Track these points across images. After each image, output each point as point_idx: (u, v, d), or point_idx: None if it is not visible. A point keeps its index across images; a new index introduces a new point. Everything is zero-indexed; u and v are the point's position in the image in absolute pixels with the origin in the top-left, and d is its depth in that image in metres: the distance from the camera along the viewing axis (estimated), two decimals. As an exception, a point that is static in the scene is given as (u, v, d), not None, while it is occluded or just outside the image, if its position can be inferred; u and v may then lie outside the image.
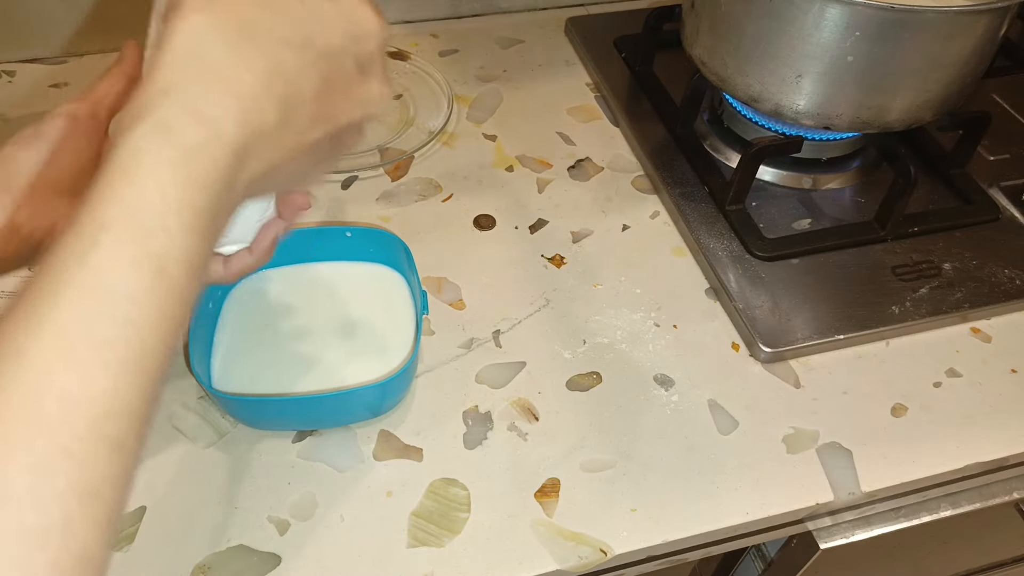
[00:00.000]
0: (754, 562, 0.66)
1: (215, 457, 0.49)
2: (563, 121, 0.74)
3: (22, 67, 0.78)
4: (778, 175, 0.67)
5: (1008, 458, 0.52)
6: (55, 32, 0.77)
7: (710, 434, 0.51)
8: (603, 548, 0.46)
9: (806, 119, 0.59)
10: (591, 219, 0.65)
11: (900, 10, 0.52)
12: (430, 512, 0.47)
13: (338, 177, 0.67)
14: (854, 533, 0.55)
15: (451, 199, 0.66)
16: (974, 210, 0.64)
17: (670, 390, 0.53)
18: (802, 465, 0.50)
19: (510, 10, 0.87)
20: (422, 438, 0.50)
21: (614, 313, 0.58)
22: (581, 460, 0.50)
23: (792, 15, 0.55)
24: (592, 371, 0.54)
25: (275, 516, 0.47)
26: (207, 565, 0.44)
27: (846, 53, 0.55)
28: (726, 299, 0.58)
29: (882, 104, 0.58)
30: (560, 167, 0.69)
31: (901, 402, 0.53)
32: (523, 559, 0.45)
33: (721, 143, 0.70)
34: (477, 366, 0.54)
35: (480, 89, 0.77)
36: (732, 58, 0.60)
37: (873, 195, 0.65)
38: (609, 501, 0.48)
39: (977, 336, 0.58)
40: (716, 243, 0.61)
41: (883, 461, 0.50)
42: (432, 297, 0.58)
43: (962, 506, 0.58)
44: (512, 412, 0.52)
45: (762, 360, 0.55)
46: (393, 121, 0.73)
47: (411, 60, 0.79)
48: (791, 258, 0.60)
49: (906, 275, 0.60)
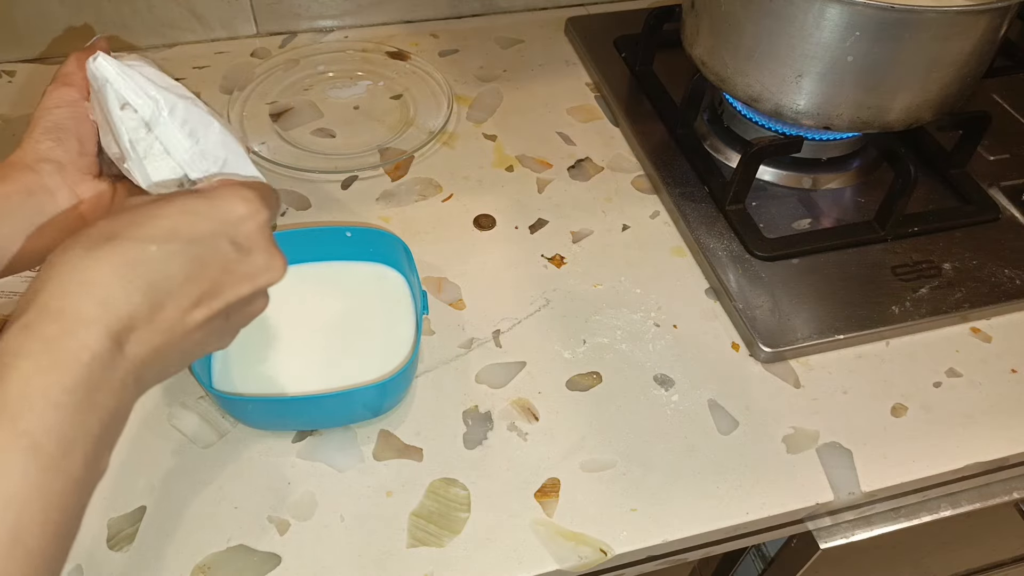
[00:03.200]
0: (754, 562, 0.66)
1: (215, 457, 0.49)
2: (563, 121, 0.74)
3: (22, 67, 0.78)
4: (778, 175, 0.67)
5: (1008, 458, 0.52)
6: (55, 32, 0.77)
7: (710, 434, 0.51)
8: (603, 548, 0.46)
9: (806, 119, 0.59)
10: (591, 219, 0.65)
11: (900, 10, 0.52)
12: (430, 512, 0.47)
13: (338, 177, 0.67)
14: (854, 533, 0.56)
15: (451, 199, 0.66)
16: (974, 210, 0.64)
17: (670, 390, 0.53)
18: (802, 465, 0.50)
19: (510, 10, 0.87)
20: (422, 438, 0.50)
21: (614, 313, 0.58)
22: (581, 460, 0.50)
23: (792, 15, 0.55)
24: (592, 371, 0.54)
25: (275, 516, 0.47)
26: (207, 565, 0.44)
27: (846, 53, 0.55)
28: (726, 299, 0.58)
29: (882, 104, 0.58)
30: (560, 167, 0.69)
31: (901, 402, 0.53)
32: (523, 559, 0.45)
33: (721, 143, 0.70)
34: (477, 366, 0.54)
35: (480, 89, 0.77)
36: (732, 58, 0.60)
37: (873, 195, 0.65)
38: (609, 501, 0.48)
39: (977, 336, 0.58)
40: (716, 243, 0.61)
41: (883, 461, 0.50)
42: (432, 297, 0.58)
43: (962, 506, 0.58)
44: (512, 412, 0.52)
45: (762, 360, 0.55)
46: (393, 121, 0.73)
47: (411, 60, 0.79)
48: (791, 258, 0.60)
49: (906, 275, 0.60)
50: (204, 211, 0.34)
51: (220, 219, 0.35)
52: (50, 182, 0.41)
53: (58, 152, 0.41)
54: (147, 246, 0.32)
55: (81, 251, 0.31)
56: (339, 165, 0.68)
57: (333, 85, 0.77)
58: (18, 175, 0.40)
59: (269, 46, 0.81)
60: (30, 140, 0.41)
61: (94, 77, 0.38)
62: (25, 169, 0.40)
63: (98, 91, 0.39)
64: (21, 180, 0.40)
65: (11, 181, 0.40)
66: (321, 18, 0.83)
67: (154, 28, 0.79)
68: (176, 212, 0.34)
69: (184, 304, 0.33)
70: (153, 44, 0.80)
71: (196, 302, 0.34)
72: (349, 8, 0.83)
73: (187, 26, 0.80)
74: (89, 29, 0.78)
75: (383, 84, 0.77)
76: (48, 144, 0.41)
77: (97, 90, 0.39)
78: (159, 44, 0.80)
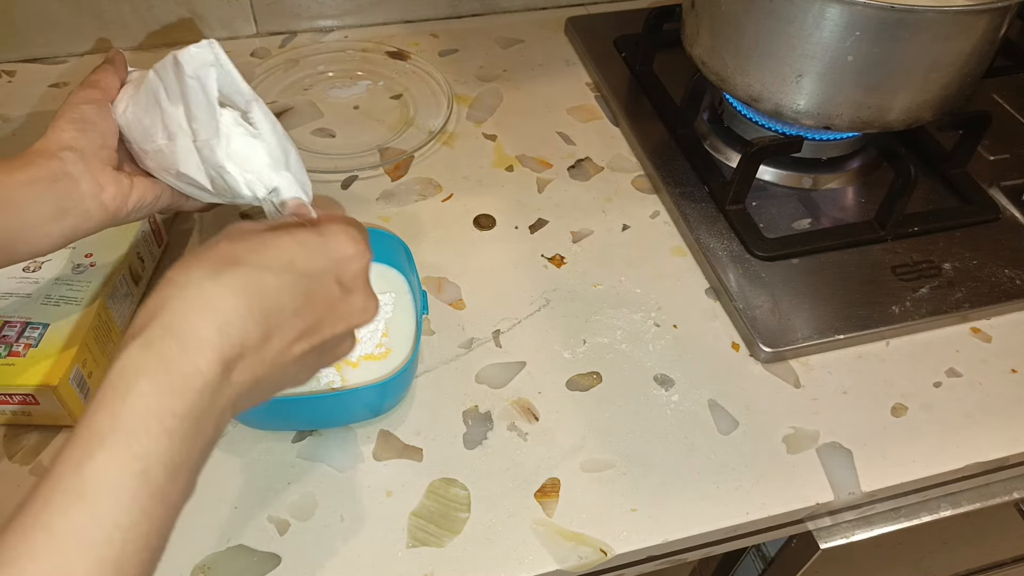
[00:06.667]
0: (754, 562, 0.66)
1: (215, 457, 0.49)
2: (563, 121, 0.74)
3: (22, 67, 0.78)
4: (778, 175, 0.67)
5: (1008, 458, 0.52)
6: (55, 32, 0.77)
7: (710, 434, 0.51)
8: (603, 548, 0.46)
9: (806, 119, 0.59)
10: (591, 219, 0.65)
11: (900, 10, 0.52)
12: (430, 512, 0.47)
13: (338, 177, 0.67)
14: (854, 533, 0.56)
15: (451, 199, 0.66)
16: (974, 210, 0.64)
17: (670, 390, 0.53)
18: (802, 465, 0.50)
19: (510, 10, 0.87)
20: (422, 438, 0.50)
21: (614, 313, 0.58)
22: (581, 460, 0.50)
23: (792, 15, 0.55)
24: (592, 371, 0.54)
25: (275, 516, 0.47)
26: (207, 565, 0.44)
27: (846, 53, 0.55)
28: (726, 299, 0.58)
29: (882, 104, 0.58)
30: (560, 167, 0.69)
31: (901, 402, 0.53)
32: (523, 559, 0.45)
33: (721, 143, 0.70)
34: (477, 366, 0.54)
35: (480, 89, 0.77)
36: (732, 58, 0.60)
37: (873, 195, 0.65)
38: (609, 501, 0.48)
39: (977, 336, 0.58)
40: (716, 243, 0.61)
41: (883, 461, 0.50)
42: (432, 297, 0.58)
43: (962, 506, 0.58)
44: (512, 412, 0.52)
45: (762, 360, 0.55)
46: (393, 121, 0.73)
47: (411, 60, 0.79)
48: (791, 258, 0.60)
49: (906, 275, 0.60)
50: (318, 247, 0.35)
51: (332, 257, 0.35)
52: (74, 170, 0.43)
53: (82, 141, 0.43)
54: (265, 274, 0.32)
55: (205, 273, 0.31)
56: (339, 165, 0.68)
57: (333, 85, 0.77)
58: (43, 162, 0.42)
59: (269, 46, 0.81)
60: (55, 129, 0.44)
61: (189, 60, 0.40)
62: (50, 156, 0.42)
63: (177, 79, 0.41)
64: (46, 167, 0.42)
65: (36, 167, 0.42)
66: (321, 18, 0.83)
67: (154, 28, 0.79)
68: (294, 244, 0.34)
69: (289, 337, 0.34)
70: (153, 44, 0.80)
71: (299, 336, 0.34)
72: (349, 8, 0.83)
73: (187, 26, 0.80)
74: (89, 29, 0.78)
75: (383, 84, 0.77)
76: (73, 133, 0.43)
77: (172, 78, 0.42)
78: (159, 44, 0.80)
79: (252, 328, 0.31)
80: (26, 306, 0.50)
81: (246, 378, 0.32)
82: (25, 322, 0.49)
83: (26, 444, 0.49)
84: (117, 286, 0.52)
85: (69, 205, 0.42)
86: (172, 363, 0.29)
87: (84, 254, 0.53)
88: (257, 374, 0.32)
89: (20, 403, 0.47)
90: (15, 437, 0.49)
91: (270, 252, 0.33)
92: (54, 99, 0.74)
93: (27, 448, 0.49)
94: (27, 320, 0.49)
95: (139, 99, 0.45)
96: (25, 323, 0.48)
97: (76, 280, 0.51)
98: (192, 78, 0.40)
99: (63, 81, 0.76)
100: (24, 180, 0.41)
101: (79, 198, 0.43)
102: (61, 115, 0.44)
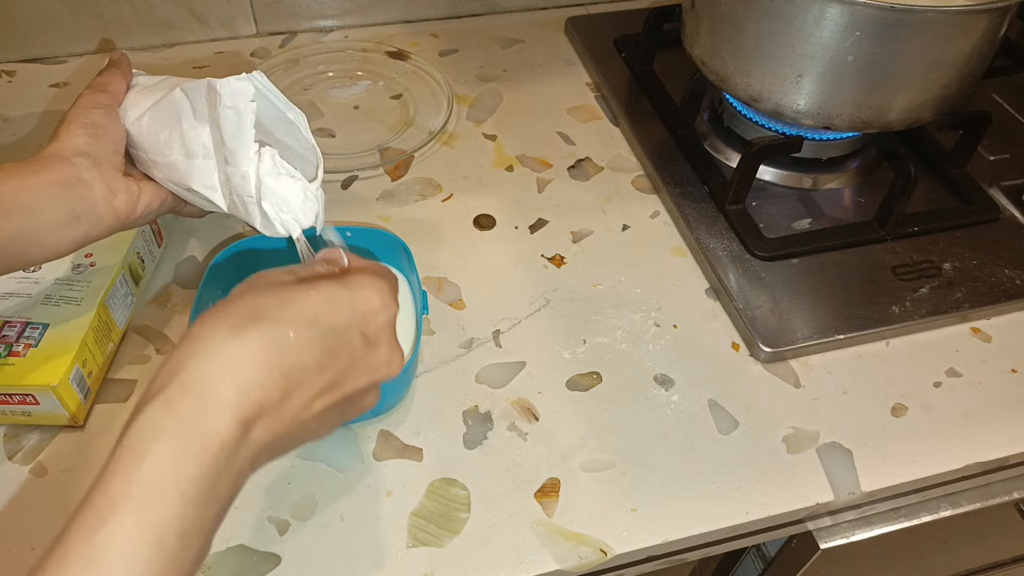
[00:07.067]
0: (754, 562, 0.66)
1: (215, 457, 0.49)
2: (563, 121, 0.74)
3: (22, 67, 0.78)
4: (778, 175, 0.67)
5: (1008, 458, 0.52)
6: (55, 32, 0.77)
7: (710, 434, 0.51)
8: (603, 548, 0.46)
9: (806, 119, 0.59)
10: (591, 219, 0.65)
11: (900, 10, 0.52)
12: (430, 512, 0.47)
13: (338, 177, 0.67)
14: (854, 533, 0.56)
15: (451, 199, 0.66)
16: (974, 210, 0.64)
17: (670, 390, 0.53)
18: (802, 465, 0.50)
19: (510, 10, 0.87)
20: (422, 438, 0.50)
21: (614, 313, 0.58)
22: (581, 460, 0.50)
23: (792, 15, 0.55)
24: (592, 371, 0.54)
25: (275, 516, 0.47)
26: (207, 565, 0.44)
27: (846, 53, 0.55)
28: (726, 299, 0.58)
29: (882, 104, 0.58)
30: (560, 167, 0.69)
31: (901, 402, 0.53)
32: (523, 559, 0.45)
33: (721, 143, 0.70)
34: (477, 366, 0.54)
35: (480, 89, 0.77)
36: (732, 58, 0.60)
37: (873, 195, 0.65)
38: (609, 501, 0.48)
39: (977, 336, 0.58)
40: (716, 243, 0.61)
41: (883, 461, 0.50)
42: (432, 297, 0.58)
43: (962, 506, 0.58)
44: (512, 412, 0.52)
45: (762, 360, 0.55)
46: (393, 121, 0.73)
47: (411, 60, 0.79)
48: (791, 258, 0.60)
49: (906, 275, 0.60)
50: (343, 300, 0.34)
51: (357, 310, 0.35)
52: (87, 175, 0.43)
53: (95, 147, 0.43)
54: (288, 330, 0.32)
55: (226, 330, 0.31)
56: (339, 165, 0.68)
57: (333, 85, 0.77)
58: (57, 166, 0.42)
59: (269, 46, 0.81)
60: (67, 134, 0.43)
61: (229, 92, 0.41)
62: (63, 161, 0.42)
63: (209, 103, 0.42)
64: (60, 171, 0.42)
65: (51, 172, 0.42)
66: (321, 18, 0.83)
67: (154, 28, 0.79)
68: (319, 298, 0.34)
69: (310, 394, 0.33)
70: (153, 44, 0.80)
71: (320, 392, 0.34)
72: (349, 8, 0.83)
73: (187, 26, 0.80)
74: (89, 29, 0.78)
75: (383, 84, 0.77)
76: (86, 139, 0.43)
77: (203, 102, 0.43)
78: (159, 44, 0.81)
79: (272, 386, 0.31)
80: (26, 306, 0.50)
81: (265, 436, 0.31)
82: (25, 322, 0.49)
83: (26, 444, 0.49)
84: (117, 286, 0.53)
85: (82, 211, 0.42)
86: (190, 424, 0.29)
87: (84, 254, 0.53)
88: (276, 432, 0.32)
89: (20, 403, 0.47)
90: (15, 437, 0.49)
91: (294, 307, 0.33)
92: (54, 99, 0.74)
93: (27, 448, 0.49)
94: (27, 320, 0.49)
95: (158, 112, 0.45)
96: (25, 323, 0.49)
97: (76, 280, 0.51)
98: (229, 108, 0.40)
99: (63, 81, 0.76)
100: (39, 184, 0.41)
101: (92, 203, 0.43)
102: (72, 119, 0.44)
